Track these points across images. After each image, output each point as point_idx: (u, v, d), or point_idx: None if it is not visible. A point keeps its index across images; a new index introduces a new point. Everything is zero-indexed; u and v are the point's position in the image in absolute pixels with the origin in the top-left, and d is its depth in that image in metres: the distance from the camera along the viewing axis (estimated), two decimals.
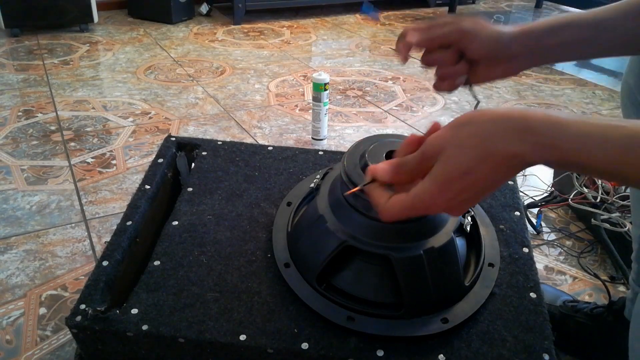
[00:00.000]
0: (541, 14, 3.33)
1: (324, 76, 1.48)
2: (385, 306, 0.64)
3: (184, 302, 0.66)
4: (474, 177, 0.42)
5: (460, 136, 0.42)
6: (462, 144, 0.42)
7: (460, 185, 0.42)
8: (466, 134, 0.42)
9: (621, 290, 1.02)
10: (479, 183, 0.42)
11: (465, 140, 0.42)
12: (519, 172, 0.42)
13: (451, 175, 0.42)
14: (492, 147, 0.41)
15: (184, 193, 0.85)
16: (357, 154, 0.66)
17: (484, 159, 0.41)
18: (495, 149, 0.41)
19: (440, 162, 0.43)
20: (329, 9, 3.24)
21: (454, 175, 0.42)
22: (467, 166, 0.42)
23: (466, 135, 0.42)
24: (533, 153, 0.40)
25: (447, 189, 0.43)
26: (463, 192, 0.43)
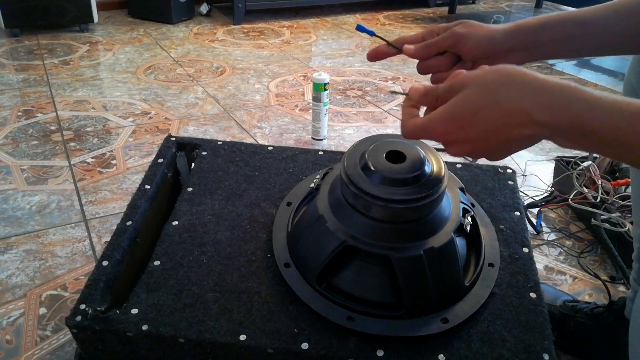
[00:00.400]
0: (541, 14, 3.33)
1: (324, 76, 1.48)
2: (385, 306, 0.64)
3: (184, 302, 0.66)
4: (480, 117, 0.44)
5: (485, 79, 0.45)
6: (483, 87, 0.44)
7: (465, 121, 0.45)
8: (490, 80, 0.44)
9: (621, 290, 1.02)
10: (482, 126, 0.44)
11: (487, 85, 0.44)
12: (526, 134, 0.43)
13: (461, 108, 0.45)
14: (505, 97, 0.43)
15: (184, 193, 0.85)
16: (357, 154, 0.66)
17: (496, 105, 0.43)
18: (508, 99, 0.43)
19: (459, 95, 0.45)
20: (329, 9, 3.24)
21: (464, 109, 0.45)
22: (478, 105, 0.44)
23: (490, 81, 0.44)
24: (542, 112, 0.41)
25: (453, 119, 0.45)
26: (465, 128, 0.45)
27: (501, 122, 0.43)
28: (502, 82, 0.44)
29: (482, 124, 0.44)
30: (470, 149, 0.47)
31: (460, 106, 0.45)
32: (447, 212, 0.67)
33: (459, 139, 0.46)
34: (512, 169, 0.91)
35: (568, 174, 1.22)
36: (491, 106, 0.43)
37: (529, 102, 0.42)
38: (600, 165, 1.20)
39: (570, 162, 1.27)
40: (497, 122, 0.43)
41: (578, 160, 1.26)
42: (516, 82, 0.43)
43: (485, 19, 3.14)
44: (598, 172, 1.17)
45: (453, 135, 0.46)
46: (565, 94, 0.41)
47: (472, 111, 0.44)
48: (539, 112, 0.41)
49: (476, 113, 0.44)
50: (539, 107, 0.42)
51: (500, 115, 0.43)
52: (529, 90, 0.42)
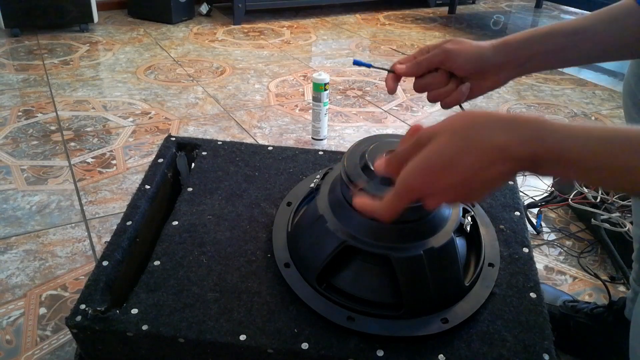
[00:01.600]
0: (541, 14, 3.33)
1: (324, 76, 1.48)
2: (385, 306, 0.64)
3: (184, 302, 0.66)
4: (455, 164, 0.42)
5: (453, 125, 0.44)
6: (453, 134, 0.43)
7: (441, 170, 0.43)
8: (459, 125, 0.43)
9: (621, 290, 1.02)
10: (460, 172, 0.42)
11: (457, 131, 0.43)
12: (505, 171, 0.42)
13: (435, 158, 0.43)
14: (478, 137, 0.42)
15: (184, 193, 0.85)
16: (357, 154, 0.66)
17: (469, 149, 0.42)
18: (481, 139, 0.42)
19: (429, 145, 0.44)
20: (329, 9, 3.24)
21: (438, 158, 0.43)
22: (451, 152, 0.43)
23: (459, 127, 0.43)
24: (518, 146, 0.41)
25: (428, 170, 0.44)
26: (443, 177, 0.43)
27: (478, 164, 0.42)
28: (471, 125, 0.43)
29: (459, 170, 0.42)
30: (451, 197, 0.46)
31: (434, 156, 0.43)
32: (447, 212, 0.67)
33: (437, 189, 0.44)
34: None
35: None
36: (465, 150, 0.42)
37: (503, 138, 0.41)
38: None
39: None
40: (474, 165, 0.42)
41: None
42: (485, 122, 0.42)
43: (485, 19, 3.14)
44: None
45: (432, 187, 0.44)
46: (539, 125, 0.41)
47: (447, 159, 0.43)
48: (516, 146, 0.41)
49: (451, 160, 0.42)
50: (514, 142, 0.41)
51: (475, 157, 0.42)
52: (501, 127, 0.42)
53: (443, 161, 0.43)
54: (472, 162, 0.42)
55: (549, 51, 0.60)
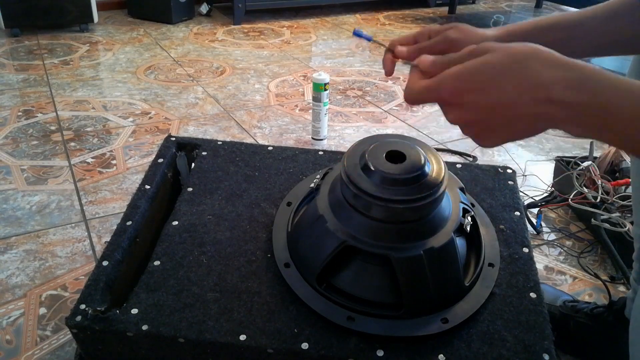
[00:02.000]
0: (541, 14, 3.33)
1: (324, 76, 1.48)
2: (385, 306, 0.64)
3: (184, 302, 0.66)
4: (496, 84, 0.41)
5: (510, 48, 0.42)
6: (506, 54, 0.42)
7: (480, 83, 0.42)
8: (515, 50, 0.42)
9: (621, 290, 1.02)
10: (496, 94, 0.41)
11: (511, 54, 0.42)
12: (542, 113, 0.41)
13: (479, 69, 0.42)
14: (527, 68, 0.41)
15: (184, 193, 0.85)
16: (357, 154, 0.66)
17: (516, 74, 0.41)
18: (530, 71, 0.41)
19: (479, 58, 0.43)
20: (329, 9, 3.24)
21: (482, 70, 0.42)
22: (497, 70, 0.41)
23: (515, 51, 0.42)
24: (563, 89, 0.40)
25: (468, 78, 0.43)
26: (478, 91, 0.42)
27: (517, 94, 0.41)
28: (527, 53, 0.42)
29: (497, 91, 0.41)
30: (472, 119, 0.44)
31: (479, 67, 0.42)
32: (447, 212, 0.67)
33: (466, 102, 0.43)
34: (512, 169, 0.91)
35: (568, 174, 1.22)
36: (511, 74, 0.41)
37: (551, 77, 0.40)
38: (600, 165, 1.20)
39: (570, 162, 1.27)
40: (513, 92, 0.41)
41: (578, 160, 1.26)
42: (541, 56, 0.41)
43: (485, 19, 3.14)
44: (598, 172, 1.17)
45: (462, 97, 0.43)
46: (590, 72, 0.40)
47: (490, 75, 0.42)
48: (560, 89, 0.40)
49: (493, 78, 0.41)
50: (560, 84, 0.40)
51: (518, 85, 0.41)
52: (553, 66, 0.41)
53: (484, 75, 0.42)
54: (511, 88, 0.41)
55: (550, 43, 0.59)
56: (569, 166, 1.26)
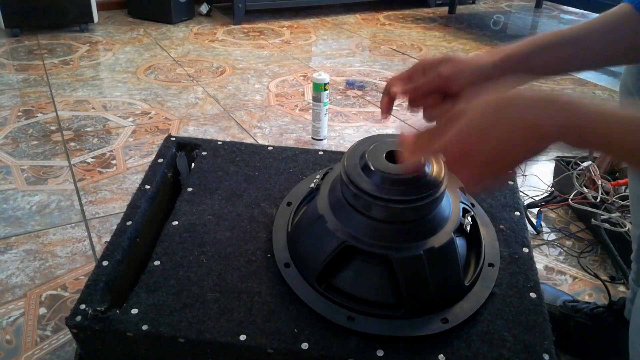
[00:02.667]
0: (541, 14, 3.33)
1: (324, 76, 1.48)
2: (385, 306, 0.64)
3: (184, 302, 0.66)
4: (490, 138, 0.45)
5: (487, 102, 0.46)
6: (486, 108, 0.45)
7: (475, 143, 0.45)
8: (492, 101, 0.46)
9: (621, 290, 1.02)
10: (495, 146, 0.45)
11: (490, 106, 0.45)
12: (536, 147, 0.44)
13: (470, 129, 0.45)
14: (509, 114, 0.44)
15: (184, 193, 0.85)
16: (357, 154, 0.66)
17: (501, 124, 0.44)
18: (512, 116, 0.44)
19: (464, 117, 0.46)
20: (329, 9, 3.24)
21: (473, 130, 0.45)
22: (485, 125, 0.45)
23: (492, 102, 0.45)
24: (546, 123, 0.43)
25: (464, 140, 0.46)
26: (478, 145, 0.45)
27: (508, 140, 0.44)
28: (503, 102, 0.45)
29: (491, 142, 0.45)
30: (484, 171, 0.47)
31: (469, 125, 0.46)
32: (447, 212, 0.67)
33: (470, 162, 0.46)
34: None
35: (568, 174, 1.22)
36: (497, 125, 0.44)
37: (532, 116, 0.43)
38: (600, 165, 1.20)
39: (570, 162, 1.27)
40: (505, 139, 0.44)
41: (578, 160, 1.26)
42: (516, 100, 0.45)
43: (485, 19, 3.14)
44: (598, 172, 1.17)
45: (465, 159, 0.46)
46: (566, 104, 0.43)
47: (479, 131, 0.45)
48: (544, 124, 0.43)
49: (483, 132, 0.45)
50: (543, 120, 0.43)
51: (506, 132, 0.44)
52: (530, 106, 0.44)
53: (476, 133, 0.45)
54: (503, 136, 0.44)
55: (547, 65, 0.60)
56: (569, 166, 1.26)
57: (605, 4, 0.62)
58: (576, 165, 1.23)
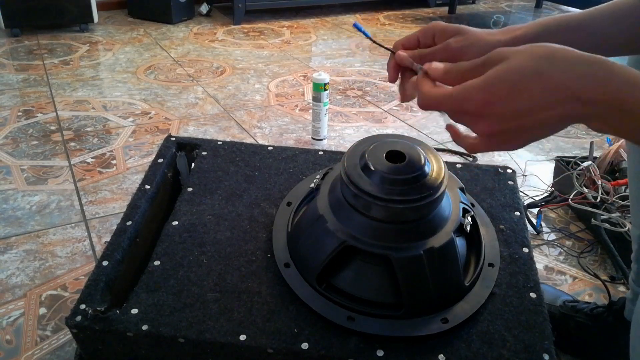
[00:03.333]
0: (541, 14, 3.33)
1: (324, 76, 1.48)
2: (385, 306, 0.64)
3: (184, 302, 0.66)
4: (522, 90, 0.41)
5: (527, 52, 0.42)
6: (526, 59, 0.42)
7: (507, 92, 0.42)
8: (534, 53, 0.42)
9: (621, 290, 1.02)
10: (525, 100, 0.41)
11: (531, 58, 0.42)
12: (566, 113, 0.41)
13: (501, 78, 0.42)
14: (549, 70, 0.41)
15: (184, 193, 0.85)
16: (357, 154, 0.66)
17: (540, 78, 0.41)
18: (552, 73, 0.41)
19: (499, 66, 0.43)
20: (329, 9, 3.24)
21: (504, 79, 0.42)
22: (521, 76, 0.41)
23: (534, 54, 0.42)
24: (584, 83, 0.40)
25: (494, 88, 0.42)
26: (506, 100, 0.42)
27: (544, 97, 0.41)
28: (546, 56, 0.42)
29: (524, 98, 0.41)
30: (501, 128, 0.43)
31: (502, 76, 0.42)
32: (447, 212, 0.67)
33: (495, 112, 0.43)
34: (512, 169, 0.91)
35: (568, 174, 1.22)
36: (535, 79, 0.41)
37: (574, 75, 0.40)
38: (600, 165, 1.20)
39: (570, 162, 1.27)
40: (540, 96, 0.41)
41: (578, 160, 1.26)
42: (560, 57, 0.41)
43: (485, 18, 3.14)
44: (598, 172, 1.17)
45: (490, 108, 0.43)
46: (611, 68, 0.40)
47: (514, 83, 0.42)
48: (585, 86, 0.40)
49: (518, 85, 0.41)
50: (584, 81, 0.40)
51: (543, 88, 0.41)
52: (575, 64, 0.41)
53: (510, 83, 0.42)
54: (539, 94, 0.41)
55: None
56: (569, 166, 1.26)
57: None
58: (576, 165, 1.23)
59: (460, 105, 0.44)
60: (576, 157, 1.28)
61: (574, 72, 0.40)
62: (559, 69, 0.41)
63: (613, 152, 1.21)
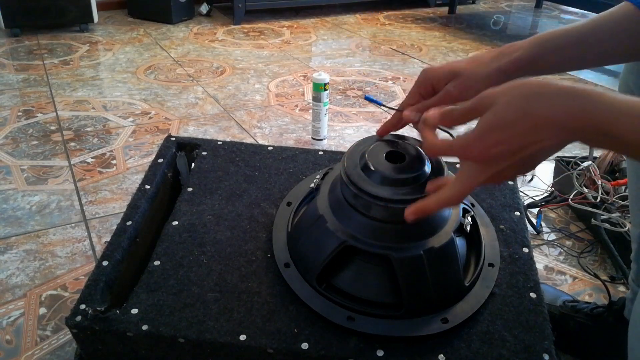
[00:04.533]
0: (541, 14, 3.33)
1: (324, 76, 1.48)
2: (385, 306, 0.64)
3: (184, 302, 0.66)
4: (512, 132, 0.45)
5: (512, 95, 0.46)
6: (511, 102, 0.45)
7: (498, 137, 0.46)
8: (517, 94, 0.45)
9: (621, 290, 1.02)
10: (516, 140, 0.45)
11: (515, 99, 0.45)
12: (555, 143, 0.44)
13: (493, 125, 0.46)
14: (535, 108, 0.44)
15: (184, 193, 0.85)
16: (357, 154, 0.66)
17: (524, 117, 0.44)
18: (536, 110, 0.44)
19: (488, 114, 0.46)
20: (329, 9, 3.24)
21: (495, 126, 0.46)
22: (508, 120, 0.45)
23: (517, 95, 0.45)
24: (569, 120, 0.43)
25: (486, 137, 0.46)
26: (499, 144, 0.46)
27: (535, 134, 0.44)
28: (530, 94, 0.45)
29: (516, 138, 0.45)
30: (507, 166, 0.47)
31: (492, 122, 0.46)
32: (447, 212, 0.67)
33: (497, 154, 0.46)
34: None
35: (568, 174, 1.22)
36: (522, 119, 0.44)
37: (559, 111, 0.43)
38: (600, 165, 1.20)
39: (570, 162, 1.27)
40: (530, 133, 0.44)
41: (578, 160, 1.26)
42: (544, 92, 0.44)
43: (485, 19, 3.14)
44: (598, 172, 1.17)
45: (488, 154, 0.47)
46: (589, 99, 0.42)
47: (504, 127, 0.45)
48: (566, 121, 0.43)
49: (509, 129, 0.45)
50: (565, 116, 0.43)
51: (532, 126, 0.44)
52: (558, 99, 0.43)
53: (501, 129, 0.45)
54: (529, 131, 0.44)
55: (554, 66, 0.60)
56: (569, 166, 1.26)
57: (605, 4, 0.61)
58: (576, 165, 1.23)
59: (461, 155, 0.50)
60: (576, 157, 1.28)
61: (559, 107, 0.43)
62: (544, 106, 0.44)
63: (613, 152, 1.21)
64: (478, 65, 0.60)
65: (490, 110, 0.46)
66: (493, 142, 0.46)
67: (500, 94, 0.46)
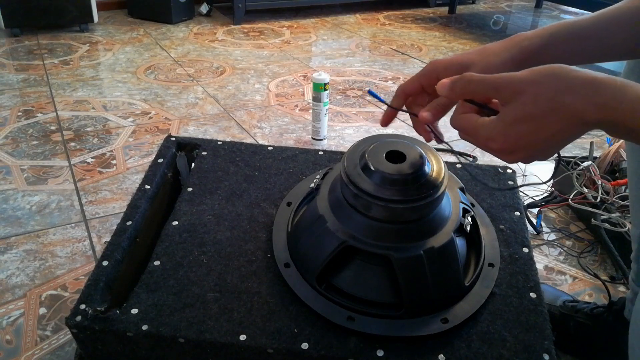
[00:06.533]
0: (541, 14, 3.33)
1: (324, 76, 1.47)
2: (385, 306, 0.64)
3: (184, 302, 0.66)
4: (539, 125, 0.45)
5: (540, 86, 0.46)
6: (539, 95, 0.45)
7: (524, 129, 0.46)
8: (546, 87, 0.45)
9: (621, 290, 1.02)
10: (542, 133, 0.46)
11: (544, 92, 0.45)
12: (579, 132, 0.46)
13: (519, 118, 0.46)
14: (563, 102, 0.44)
15: (184, 193, 0.85)
16: (357, 154, 0.66)
17: (552, 112, 0.45)
18: (564, 104, 0.44)
19: (515, 105, 0.46)
20: (329, 9, 3.24)
21: (522, 118, 0.46)
22: (536, 114, 0.45)
23: (546, 87, 0.45)
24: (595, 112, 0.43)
25: (511, 129, 0.47)
26: (524, 137, 0.46)
27: (559, 129, 0.45)
28: (559, 87, 0.45)
29: (542, 132, 0.46)
30: (528, 155, 0.48)
31: (519, 114, 0.46)
32: (447, 212, 0.67)
33: (521, 146, 0.47)
34: (512, 169, 0.91)
35: (568, 174, 1.22)
36: (549, 115, 0.45)
37: (582, 104, 0.44)
38: (600, 165, 1.20)
39: (570, 162, 1.27)
40: (556, 129, 0.45)
41: (578, 160, 1.26)
42: (572, 84, 0.44)
43: (485, 19, 3.14)
44: (598, 172, 1.17)
45: (516, 144, 0.47)
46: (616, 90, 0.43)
47: (532, 117, 0.45)
48: (592, 113, 0.43)
49: (535, 119, 0.45)
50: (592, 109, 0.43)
51: (559, 122, 0.45)
52: (580, 92, 0.44)
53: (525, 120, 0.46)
54: (554, 127, 0.45)
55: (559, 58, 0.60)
56: (569, 166, 1.26)
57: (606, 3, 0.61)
58: (576, 165, 1.23)
59: (483, 146, 0.50)
60: (576, 157, 1.28)
61: (587, 99, 0.44)
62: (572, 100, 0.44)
63: (613, 152, 1.21)
64: (489, 55, 0.59)
65: (518, 101, 0.46)
66: (519, 135, 0.46)
67: (527, 83, 0.46)
